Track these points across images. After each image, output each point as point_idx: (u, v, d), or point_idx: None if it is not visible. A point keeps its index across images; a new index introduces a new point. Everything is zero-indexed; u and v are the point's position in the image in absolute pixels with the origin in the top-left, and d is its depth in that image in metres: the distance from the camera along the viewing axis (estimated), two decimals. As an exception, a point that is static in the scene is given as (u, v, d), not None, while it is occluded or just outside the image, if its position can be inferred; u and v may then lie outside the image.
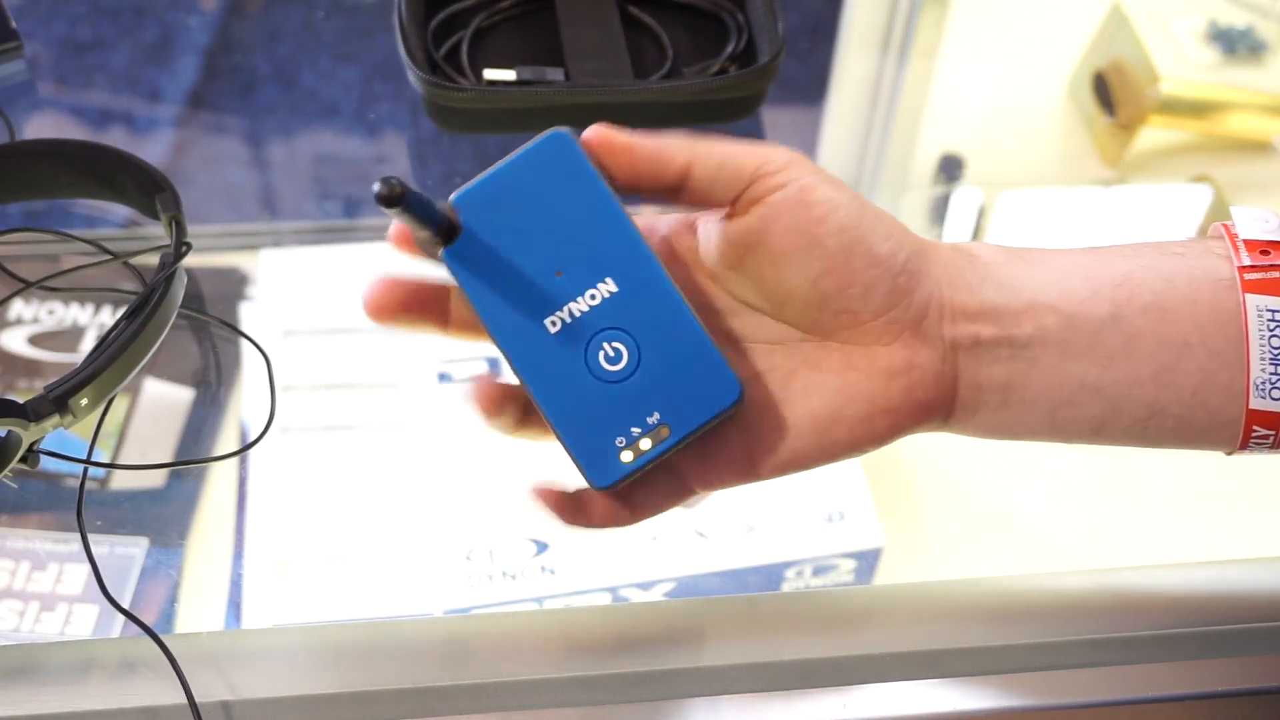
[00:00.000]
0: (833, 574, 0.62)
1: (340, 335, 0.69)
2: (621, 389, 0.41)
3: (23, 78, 0.78)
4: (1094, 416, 0.43)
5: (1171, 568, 0.57)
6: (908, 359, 0.42)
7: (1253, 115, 0.82)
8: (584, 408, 0.41)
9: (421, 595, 0.60)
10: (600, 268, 0.42)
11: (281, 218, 0.77)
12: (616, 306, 0.42)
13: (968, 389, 0.43)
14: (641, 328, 0.42)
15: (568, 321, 0.42)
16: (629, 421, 0.41)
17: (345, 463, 0.64)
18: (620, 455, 0.41)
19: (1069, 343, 0.43)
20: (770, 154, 0.42)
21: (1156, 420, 0.43)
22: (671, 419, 0.41)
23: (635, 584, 0.60)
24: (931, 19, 0.88)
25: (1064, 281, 0.43)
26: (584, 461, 0.41)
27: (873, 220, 0.42)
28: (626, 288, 0.42)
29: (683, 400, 0.41)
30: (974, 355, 0.43)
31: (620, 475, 0.41)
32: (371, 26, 0.83)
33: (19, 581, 0.59)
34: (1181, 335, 0.42)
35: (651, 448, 0.41)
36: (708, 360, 0.41)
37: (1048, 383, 0.43)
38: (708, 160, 0.42)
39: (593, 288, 0.42)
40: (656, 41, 0.76)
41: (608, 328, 0.42)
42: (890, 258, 0.42)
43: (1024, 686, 0.52)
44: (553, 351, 0.41)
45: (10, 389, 0.66)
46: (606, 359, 0.42)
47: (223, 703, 0.49)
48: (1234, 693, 0.52)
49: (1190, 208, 0.80)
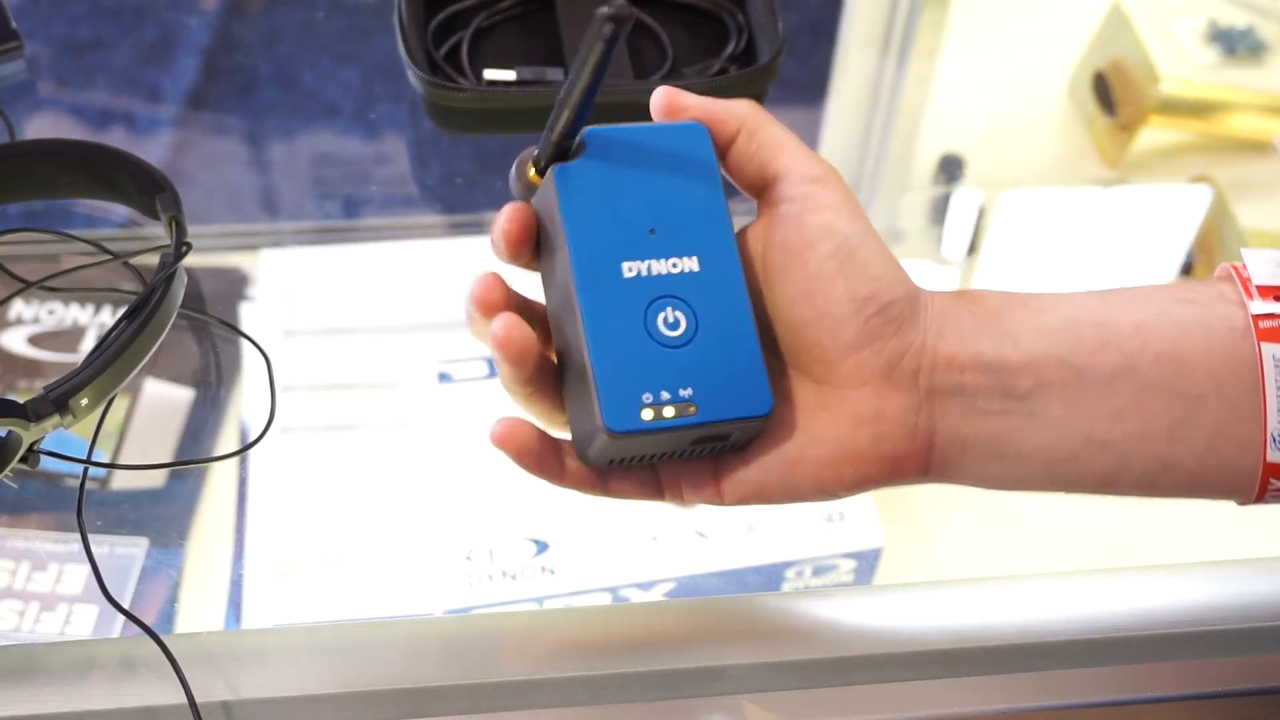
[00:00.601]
0: (833, 574, 0.62)
1: (340, 335, 0.69)
2: (668, 354, 0.42)
3: (23, 78, 0.78)
4: (1100, 471, 0.43)
5: (1171, 568, 0.57)
6: (876, 407, 0.42)
7: (1253, 115, 0.82)
8: (626, 354, 0.41)
9: (421, 595, 0.60)
10: (691, 244, 0.43)
11: (281, 218, 0.77)
12: (692, 282, 0.42)
13: (948, 442, 0.43)
14: (706, 311, 0.42)
15: (643, 274, 0.42)
16: (663, 385, 0.41)
17: (345, 463, 0.64)
18: (642, 410, 0.41)
19: (1074, 396, 0.42)
20: (801, 165, 0.43)
21: (1168, 474, 0.42)
22: (702, 401, 0.41)
23: (635, 584, 0.60)
24: (931, 19, 0.88)
25: (1073, 331, 0.42)
26: (605, 401, 0.41)
27: (865, 258, 0.42)
28: (707, 271, 0.43)
29: (718, 391, 0.42)
30: (957, 407, 0.42)
31: (633, 427, 0.41)
32: (371, 26, 0.83)
33: (19, 581, 0.59)
34: (1196, 387, 0.41)
35: (673, 418, 0.41)
36: (752, 368, 0.42)
37: (1049, 437, 0.42)
38: (753, 137, 0.44)
39: (677, 257, 0.42)
40: (656, 41, 0.76)
41: (676, 296, 0.42)
42: (868, 298, 0.42)
43: (1024, 686, 0.52)
44: (619, 293, 0.42)
45: (10, 389, 0.66)
46: (665, 323, 0.42)
47: (223, 703, 0.49)
48: (1234, 693, 0.52)
49: (1190, 208, 0.80)
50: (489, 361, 0.66)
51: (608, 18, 0.37)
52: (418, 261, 0.73)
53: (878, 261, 0.42)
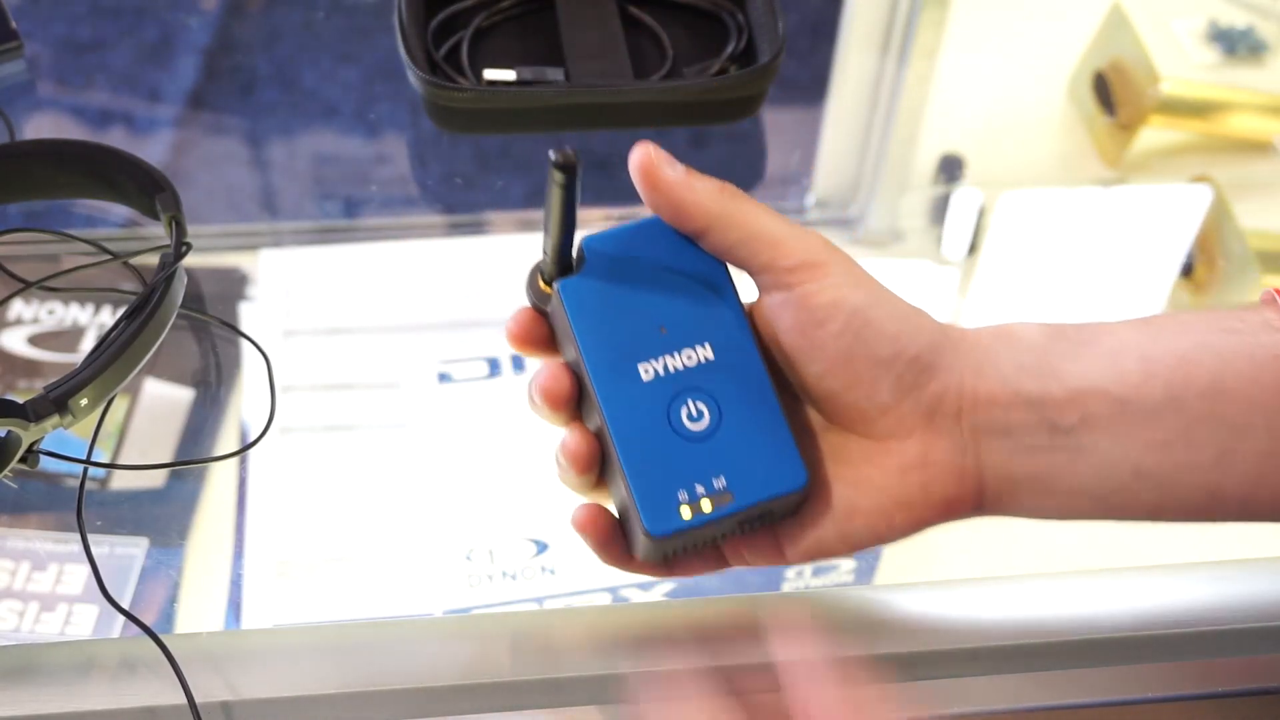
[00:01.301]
0: (833, 574, 0.62)
1: (340, 335, 0.69)
2: (696, 448, 0.42)
3: (23, 78, 0.78)
4: (1150, 501, 0.42)
5: (1171, 568, 0.57)
6: (922, 454, 0.42)
7: (1253, 115, 0.82)
8: (656, 456, 0.42)
9: (421, 595, 0.60)
10: (702, 333, 0.43)
11: (281, 218, 0.77)
12: (708, 372, 0.43)
13: (998, 480, 0.43)
14: (727, 397, 0.43)
15: (660, 374, 0.43)
16: (696, 479, 0.42)
17: (345, 463, 0.64)
18: (680, 509, 0.42)
19: (1120, 429, 0.41)
20: (786, 256, 0.42)
21: (1216, 503, 0.42)
22: (736, 488, 0.42)
23: (635, 584, 0.60)
24: (931, 19, 0.88)
25: (1117, 364, 0.42)
26: (644, 506, 0.42)
27: (879, 321, 0.42)
28: (722, 357, 0.43)
29: (751, 474, 0.42)
30: (1003, 445, 0.42)
31: (675, 528, 0.42)
32: (371, 26, 0.83)
33: (19, 581, 0.59)
34: (1243, 417, 0.41)
35: (711, 510, 0.42)
36: (782, 443, 0.43)
37: (1096, 471, 0.42)
38: (725, 234, 0.43)
39: (690, 349, 0.43)
40: (656, 41, 0.76)
41: (696, 388, 0.43)
42: (894, 358, 0.42)
43: (1024, 686, 0.52)
44: (639, 396, 0.43)
45: (10, 389, 0.66)
46: (689, 416, 0.43)
47: (223, 703, 0.49)
48: (1234, 693, 0.52)
49: (1190, 208, 0.80)
50: (489, 362, 0.66)
51: (556, 165, 0.39)
52: (418, 261, 0.73)
53: (893, 319, 0.42)
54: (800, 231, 0.43)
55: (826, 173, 0.81)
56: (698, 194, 0.42)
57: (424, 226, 0.77)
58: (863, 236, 0.79)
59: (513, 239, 0.75)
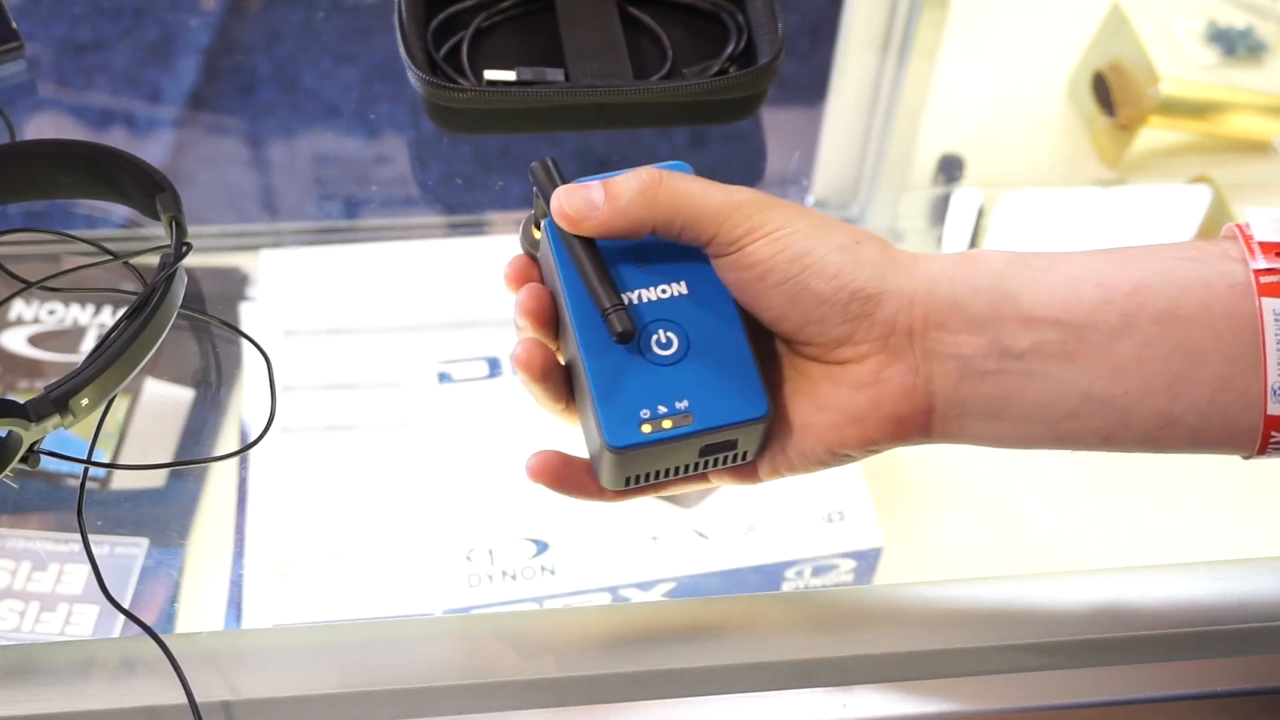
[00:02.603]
0: (832, 574, 0.62)
1: (340, 335, 0.69)
2: (662, 371, 0.44)
3: (23, 78, 0.78)
4: (1101, 427, 0.43)
5: (1171, 568, 0.57)
6: (875, 373, 0.44)
7: (1252, 115, 0.82)
8: (622, 375, 0.44)
9: (421, 595, 0.60)
10: (678, 272, 0.45)
11: (281, 218, 0.77)
12: (681, 305, 0.45)
13: (947, 402, 0.44)
14: (696, 329, 0.45)
15: (634, 302, 0.45)
16: (659, 399, 0.44)
17: (345, 463, 0.64)
18: (641, 425, 0.43)
19: (1074, 354, 0.42)
20: (731, 222, 0.44)
21: (1170, 429, 0.43)
22: (698, 410, 0.44)
23: (635, 584, 0.60)
24: (931, 19, 0.88)
25: (1073, 289, 0.43)
26: (606, 420, 0.43)
27: (818, 263, 0.43)
28: (695, 294, 0.45)
29: (714, 399, 0.44)
30: (954, 368, 0.43)
31: (634, 441, 0.43)
32: (371, 27, 0.83)
33: (19, 581, 0.59)
34: (1196, 343, 0.42)
35: (671, 428, 0.43)
36: (746, 374, 0.44)
37: (1048, 395, 0.43)
38: (669, 229, 0.45)
39: (666, 284, 0.45)
40: (656, 42, 0.76)
41: (667, 319, 0.45)
42: (836, 292, 0.43)
43: (1024, 686, 0.52)
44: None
45: (10, 389, 0.66)
46: (658, 344, 0.44)
47: (223, 703, 0.49)
48: (1234, 693, 0.52)
49: (1190, 208, 0.80)
50: (489, 361, 0.67)
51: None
52: (418, 261, 0.73)
53: (832, 259, 0.43)
54: (736, 199, 0.44)
55: (826, 173, 0.81)
56: (626, 212, 0.44)
57: (424, 226, 0.77)
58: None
59: (513, 239, 0.75)
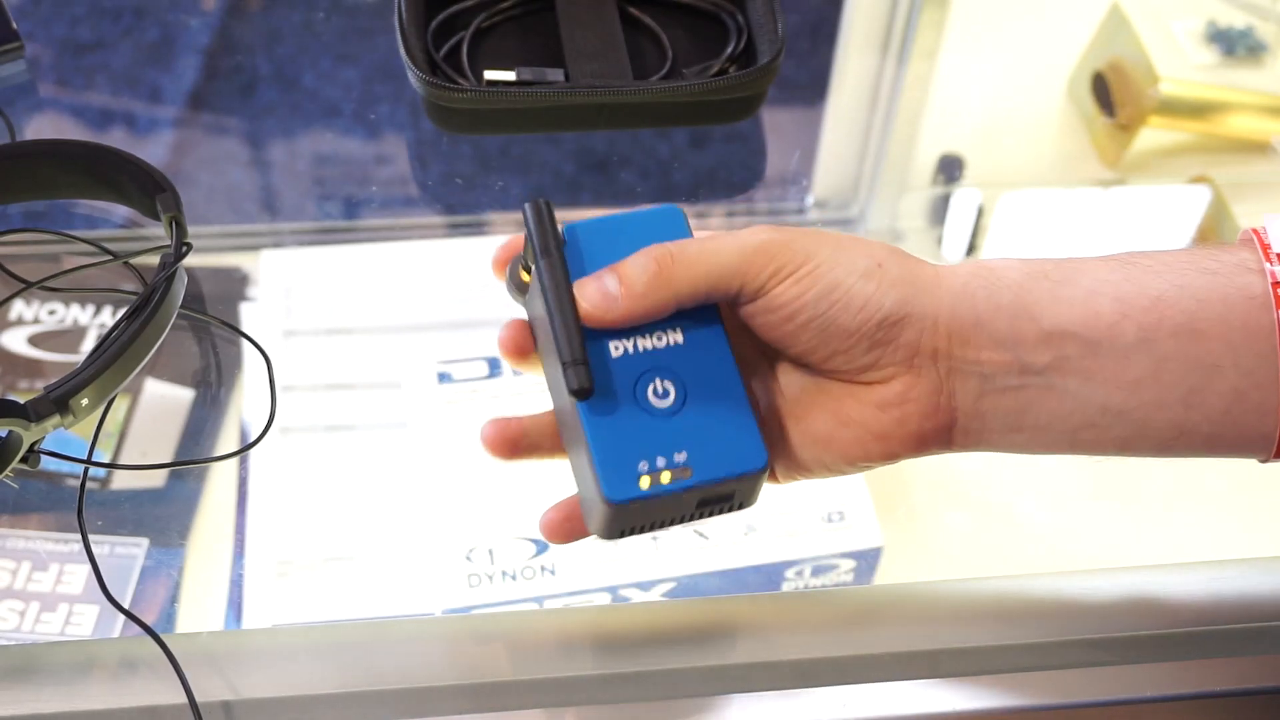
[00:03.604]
0: (832, 574, 0.62)
1: (340, 335, 0.69)
2: (659, 422, 0.43)
3: (23, 78, 0.78)
4: (1118, 436, 0.43)
5: (1171, 568, 0.57)
6: (900, 394, 0.44)
7: (1252, 115, 0.82)
8: (620, 428, 0.43)
9: (421, 595, 0.60)
10: (674, 319, 0.44)
11: (281, 218, 0.77)
12: (678, 354, 0.44)
13: (969, 416, 0.44)
14: (693, 378, 0.44)
15: (630, 351, 0.44)
16: (657, 451, 0.43)
17: (345, 463, 0.64)
18: (639, 479, 0.42)
19: (1092, 369, 0.42)
20: (751, 274, 0.43)
21: (1185, 438, 0.43)
22: (697, 464, 0.43)
23: (635, 584, 0.60)
24: (931, 19, 0.88)
25: (1091, 304, 0.43)
26: (604, 473, 0.42)
27: (842, 299, 0.43)
28: (691, 342, 0.44)
29: (712, 451, 0.43)
30: (975, 384, 0.43)
31: (631, 496, 0.42)
32: (371, 27, 0.83)
33: (19, 581, 0.59)
34: (1213, 356, 0.42)
35: (669, 482, 0.43)
36: (744, 425, 0.44)
37: (1067, 408, 0.43)
38: (694, 299, 0.44)
39: (661, 331, 0.44)
40: (656, 42, 0.76)
41: (663, 368, 0.44)
42: (862, 325, 0.43)
43: (1024, 686, 0.52)
44: (608, 371, 0.43)
45: (11, 389, 0.66)
46: (655, 394, 0.44)
47: (223, 703, 0.50)
48: (1234, 693, 0.52)
49: (1190, 208, 0.80)
50: (489, 362, 0.67)
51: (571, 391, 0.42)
52: (418, 261, 0.73)
53: (856, 291, 0.43)
54: (751, 245, 0.43)
55: (826, 173, 0.81)
56: (646, 298, 0.43)
57: (424, 226, 0.77)
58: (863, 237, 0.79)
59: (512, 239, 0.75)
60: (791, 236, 0.44)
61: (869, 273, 0.43)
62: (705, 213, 0.77)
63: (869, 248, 0.44)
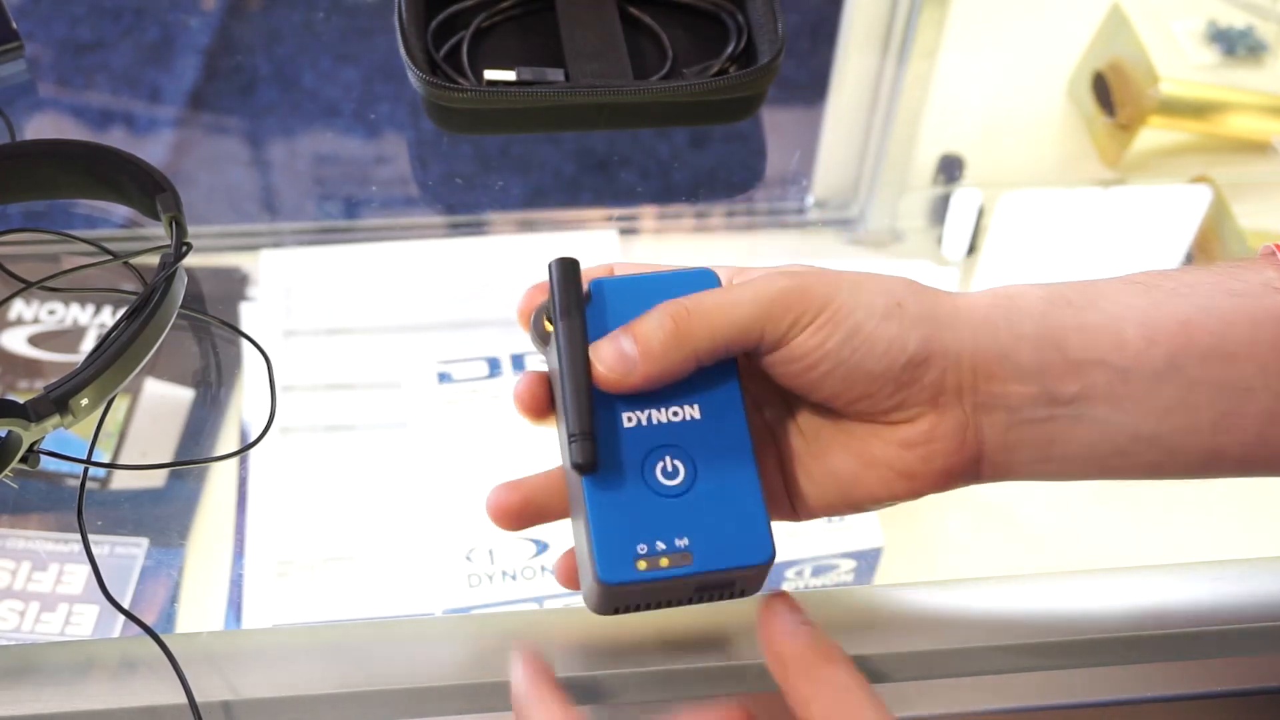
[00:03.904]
0: (833, 574, 0.62)
1: (340, 335, 0.69)
2: (665, 504, 0.42)
3: (23, 78, 0.78)
4: (1149, 463, 0.43)
5: (1171, 568, 0.57)
6: (926, 433, 0.43)
7: (1252, 115, 0.82)
8: (622, 505, 0.42)
9: (421, 595, 0.60)
10: (693, 392, 0.43)
11: (281, 218, 0.77)
12: (692, 431, 0.43)
13: (996, 450, 0.43)
14: (705, 460, 0.42)
15: (643, 424, 0.42)
16: (659, 534, 0.41)
17: (345, 463, 0.64)
18: (637, 561, 0.41)
19: (1121, 397, 0.42)
20: (770, 325, 0.42)
21: (1217, 462, 0.43)
22: (698, 551, 0.41)
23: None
24: (931, 19, 0.88)
25: (1117, 331, 0.42)
26: (600, 552, 0.41)
27: (865, 345, 0.42)
28: (708, 420, 0.43)
29: (716, 539, 0.42)
30: (1002, 418, 0.43)
31: (627, 579, 0.41)
32: (371, 27, 0.83)
33: (19, 581, 0.59)
34: (1244, 380, 0.41)
35: (668, 568, 0.41)
36: (753, 516, 0.42)
37: (1095, 437, 0.42)
38: (713, 355, 0.42)
39: (678, 406, 0.43)
40: (656, 42, 0.76)
41: (675, 446, 0.42)
42: (887, 369, 0.42)
43: (1024, 687, 0.52)
44: (618, 443, 0.42)
45: (10, 389, 0.66)
46: (663, 472, 0.42)
47: (223, 703, 0.49)
48: (1234, 693, 0.52)
49: (1190, 208, 0.80)
50: (489, 362, 0.67)
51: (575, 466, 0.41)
52: (418, 261, 0.73)
53: (878, 334, 0.42)
54: (769, 295, 0.42)
55: (826, 173, 0.81)
56: (665, 357, 0.42)
57: (424, 226, 0.77)
58: (862, 237, 0.79)
59: (513, 239, 0.75)
60: (808, 283, 0.42)
61: (889, 313, 0.42)
62: (705, 212, 0.77)
63: (886, 285, 0.43)
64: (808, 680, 0.40)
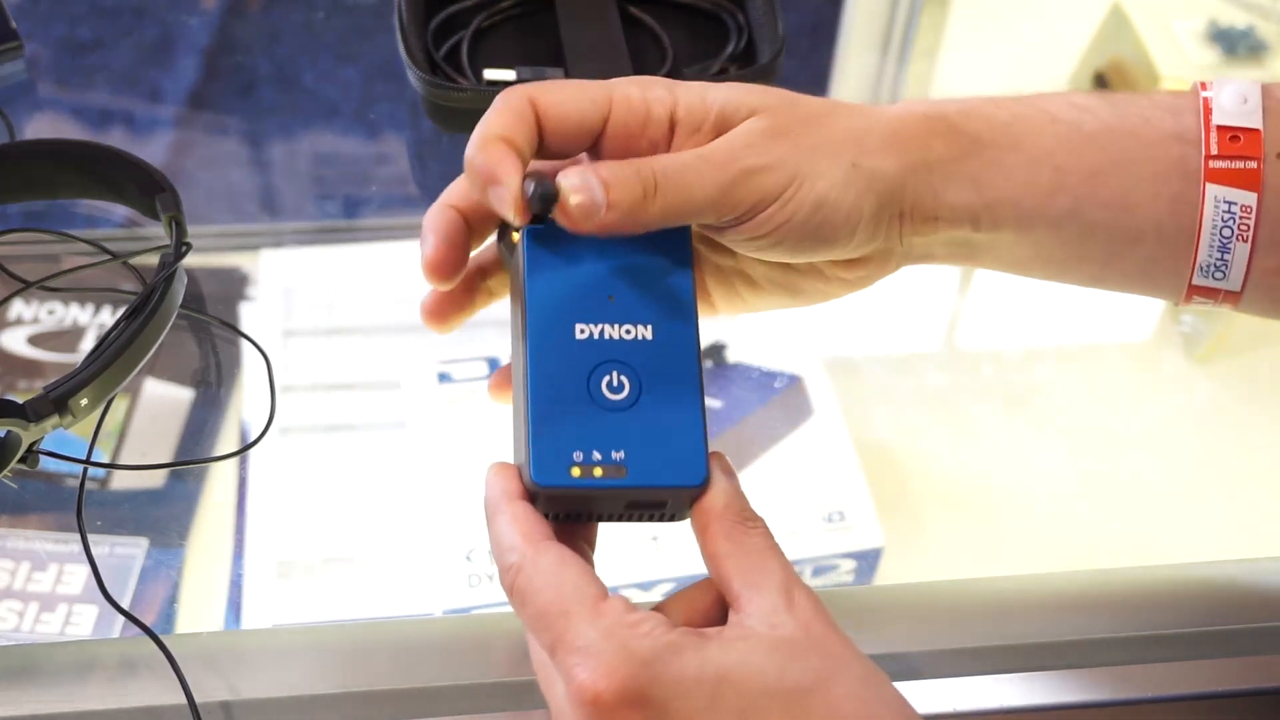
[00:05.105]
0: (833, 574, 0.62)
1: (340, 335, 0.69)
2: (606, 416, 0.42)
3: (23, 78, 0.78)
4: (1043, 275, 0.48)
5: (1171, 568, 0.57)
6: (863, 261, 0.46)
7: (1253, 115, 0.82)
8: (563, 411, 0.42)
9: (421, 595, 0.60)
10: (648, 313, 0.43)
11: (281, 218, 0.77)
12: (642, 350, 0.43)
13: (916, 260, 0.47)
14: (652, 379, 0.43)
15: (595, 337, 0.43)
16: (596, 444, 0.42)
17: (345, 463, 0.64)
18: (570, 468, 0.41)
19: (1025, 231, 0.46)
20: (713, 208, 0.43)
21: (1100, 284, 0.48)
22: (632, 465, 0.42)
23: (635, 584, 0.60)
24: (931, 19, 0.88)
25: (1033, 175, 0.45)
26: (536, 454, 0.41)
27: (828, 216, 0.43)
28: (660, 342, 0.43)
29: (652, 457, 0.42)
30: (925, 242, 0.46)
31: (558, 483, 0.41)
32: (371, 26, 0.83)
33: (19, 581, 0.59)
34: (1137, 228, 0.45)
35: (601, 477, 0.41)
36: (692, 440, 0.42)
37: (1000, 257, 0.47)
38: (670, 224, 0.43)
39: (631, 324, 0.43)
40: (656, 41, 0.76)
41: (624, 362, 0.43)
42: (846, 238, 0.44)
43: (1024, 686, 0.52)
44: (566, 352, 0.42)
45: (10, 389, 0.66)
46: (609, 386, 0.42)
47: (223, 703, 0.49)
48: (1234, 693, 0.52)
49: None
50: (489, 361, 0.67)
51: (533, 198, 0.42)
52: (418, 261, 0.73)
53: (839, 208, 0.43)
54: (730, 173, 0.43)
55: (826, 173, 0.81)
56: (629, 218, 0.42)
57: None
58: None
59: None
60: (772, 159, 0.43)
61: (848, 181, 0.43)
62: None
63: (837, 141, 0.44)
64: (725, 539, 0.42)
